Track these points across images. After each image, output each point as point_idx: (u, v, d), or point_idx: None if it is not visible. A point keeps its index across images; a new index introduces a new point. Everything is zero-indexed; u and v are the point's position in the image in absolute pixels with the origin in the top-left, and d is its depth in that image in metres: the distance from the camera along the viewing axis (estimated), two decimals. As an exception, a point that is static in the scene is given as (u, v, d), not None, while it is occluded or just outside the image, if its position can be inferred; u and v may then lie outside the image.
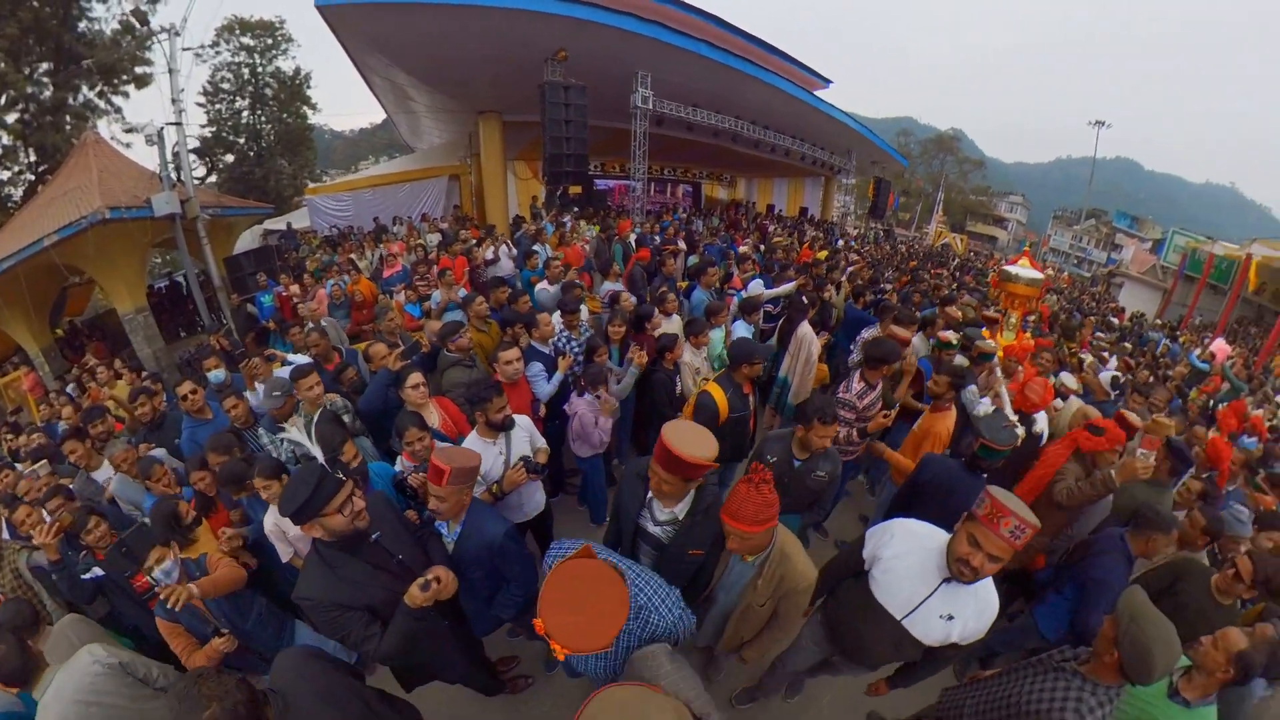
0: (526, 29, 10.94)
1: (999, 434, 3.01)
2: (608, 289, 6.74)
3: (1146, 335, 16.54)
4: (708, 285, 6.39)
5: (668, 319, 5.44)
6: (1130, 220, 47.22)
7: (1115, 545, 3.20)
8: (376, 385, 4.13)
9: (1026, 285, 5.85)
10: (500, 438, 3.38)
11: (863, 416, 4.02)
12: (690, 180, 24.40)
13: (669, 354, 4.59)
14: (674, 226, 12.72)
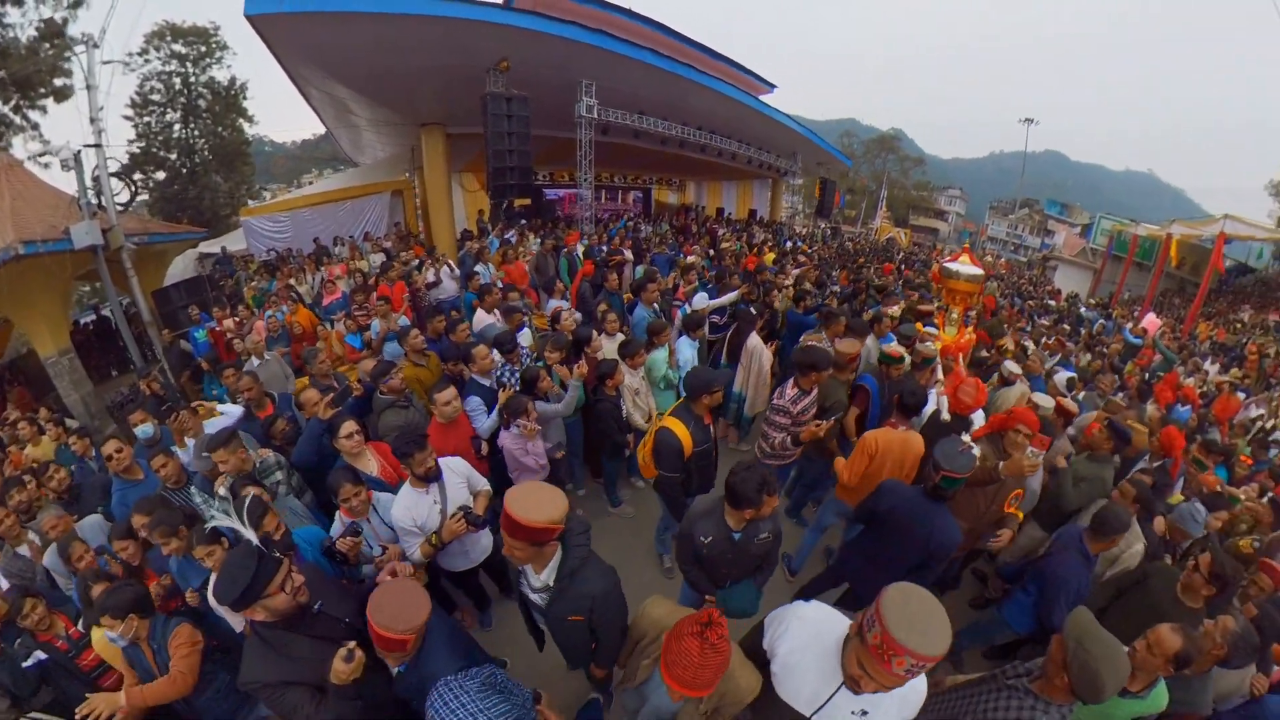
0: (468, 39, 10.57)
1: (958, 461, 2.84)
2: (553, 307, 6.48)
3: (1081, 314, 17.13)
4: (649, 302, 6.11)
5: (610, 339, 5.22)
6: (1060, 207, 49.16)
7: (1073, 544, 3.26)
8: (308, 437, 3.86)
9: (967, 282, 5.81)
10: (432, 487, 3.18)
11: (797, 422, 3.93)
12: (640, 186, 24.30)
13: (609, 381, 4.37)
14: (620, 235, 12.34)
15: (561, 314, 5.53)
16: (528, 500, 2.05)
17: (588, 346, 4.82)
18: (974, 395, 3.88)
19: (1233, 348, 16.31)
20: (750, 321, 5.50)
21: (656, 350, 5.06)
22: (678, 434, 3.42)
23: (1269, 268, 27.32)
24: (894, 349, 4.49)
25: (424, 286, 8.14)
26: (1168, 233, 22.28)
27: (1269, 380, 14.04)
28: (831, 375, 4.30)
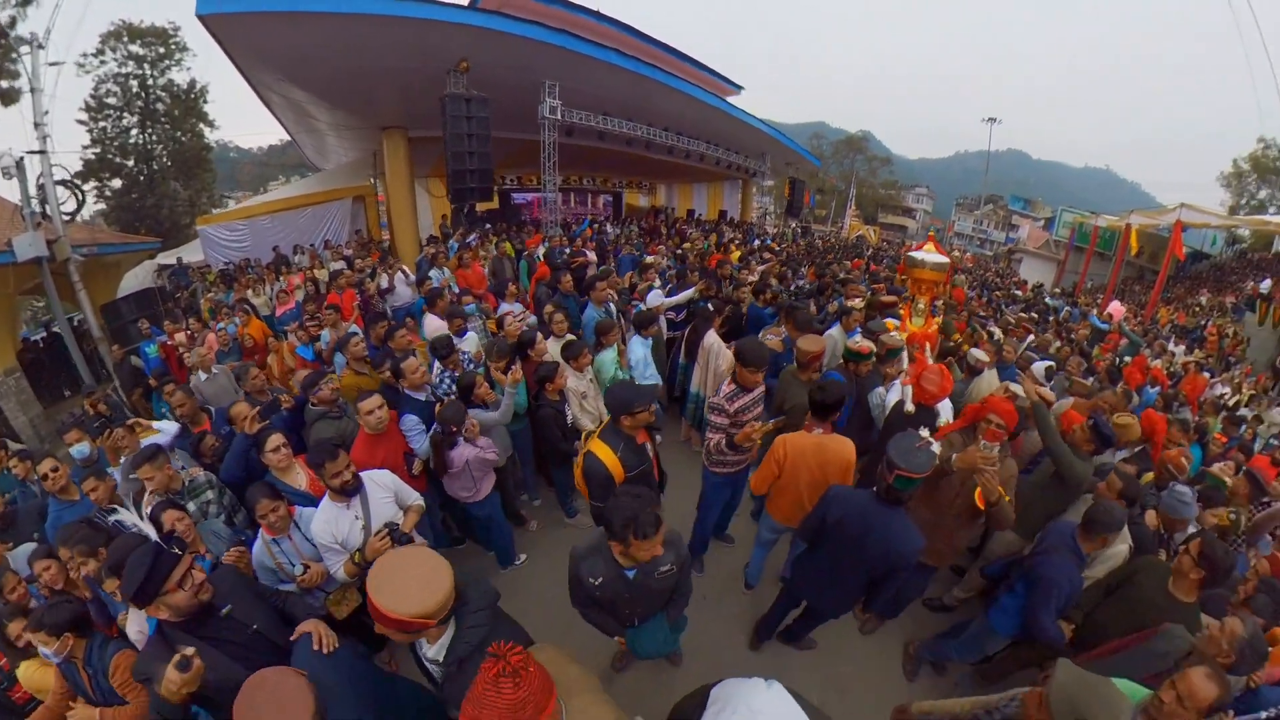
0: (427, 39, 10.22)
1: (914, 459, 2.53)
2: (504, 311, 6.17)
3: (1048, 303, 17.27)
4: (600, 301, 5.78)
5: (558, 341, 4.91)
6: (1024, 203, 50.42)
7: (1065, 543, 3.00)
8: (235, 453, 3.65)
9: (932, 270, 5.60)
10: (354, 501, 2.97)
11: (735, 422, 3.52)
12: (610, 190, 23.96)
13: (549, 385, 4.07)
14: (583, 236, 12.01)
15: (507, 318, 5.25)
16: (396, 584, 1.68)
17: (531, 349, 4.54)
18: (938, 383, 3.60)
19: (1193, 330, 16.88)
20: (707, 318, 5.21)
21: (604, 351, 4.77)
22: (603, 460, 2.97)
23: (1223, 253, 28.15)
24: (860, 344, 4.18)
25: (376, 293, 7.77)
26: (1127, 223, 22.64)
27: (1228, 359, 14.65)
28: (794, 375, 4.04)
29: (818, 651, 3.84)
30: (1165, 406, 7.15)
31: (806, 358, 3.83)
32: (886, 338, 4.26)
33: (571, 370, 4.40)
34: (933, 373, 3.67)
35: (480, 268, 8.52)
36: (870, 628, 4.07)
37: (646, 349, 5.01)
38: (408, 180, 14.03)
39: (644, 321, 5.04)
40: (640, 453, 3.12)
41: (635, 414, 3.00)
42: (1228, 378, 11.98)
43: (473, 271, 8.29)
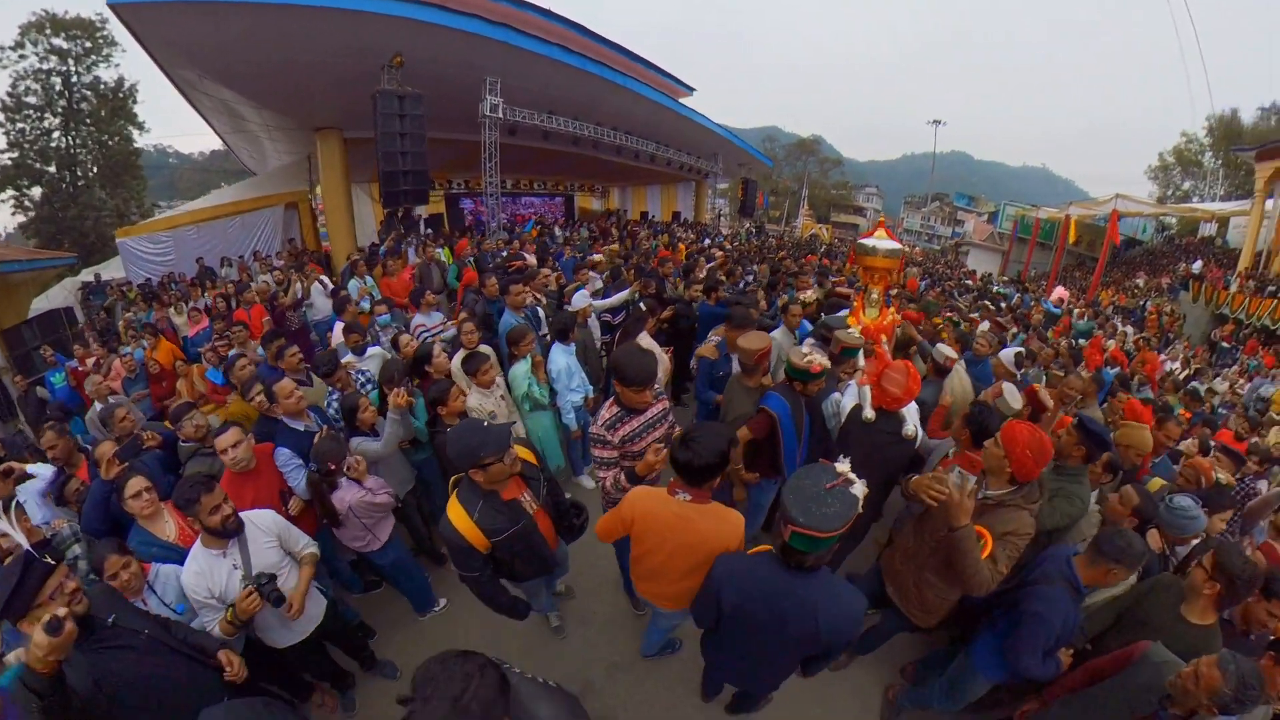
0: (360, 33, 9.42)
1: (818, 512, 1.66)
2: (418, 323, 5.43)
3: (998, 290, 17.39)
4: (517, 306, 5.03)
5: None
6: (968, 199, 51.85)
7: (1060, 571, 2.39)
8: (93, 500, 3.00)
9: (885, 257, 5.03)
10: (231, 545, 2.52)
11: (627, 454, 2.71)
12: (562, 192, 23.24)
13: (442, 408, 3.40)
14: (524, 238, 11.19)
15: (403, 338, 4.61)
16: None
17: (428, 365, 3.88)
18: (902, 383, 2.94)
19: (1133, 310, 17.51)
20: (639, 320, 4.56)
21: (517, 363, 4.10)
22: (458, 527, 2.23)
23: (1153, 239, 29.35)
24: (806, 359, 3.08)
25: (287, 307, 6.93)
26: (1066, 214, 23.77)
27: (1168, 335, 15.20)
28: (740, 382, 3.41)
29: (781, 690, 3.22)
30: (1123, 386, 6.92)
31: (750, 358, 3.18)
32: (843, 334, 3.64)
33: (476, 388, 3.73)
34: (896, 371, 3.01)
35: (408, 275, 7.75)
36: (841, 664, 3.47)
37: (569, 358, 4.34)
38: (344, 184, 13.10)
39: (562, 327, 4.37)
40: (511, 511, 2.34)
41: (486, 465, 2.17)
42: (1174, 353, 12.18)
43: (399, 279, 7.51)
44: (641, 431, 2.72)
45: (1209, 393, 8.97)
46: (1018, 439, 2.37)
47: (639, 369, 2.51)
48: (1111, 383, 6.96)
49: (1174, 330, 16.06)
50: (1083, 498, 2.84)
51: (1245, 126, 29.72)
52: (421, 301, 5.65)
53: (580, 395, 4.37)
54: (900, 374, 2.97)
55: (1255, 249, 18.15)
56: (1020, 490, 2.42)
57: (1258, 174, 18.03)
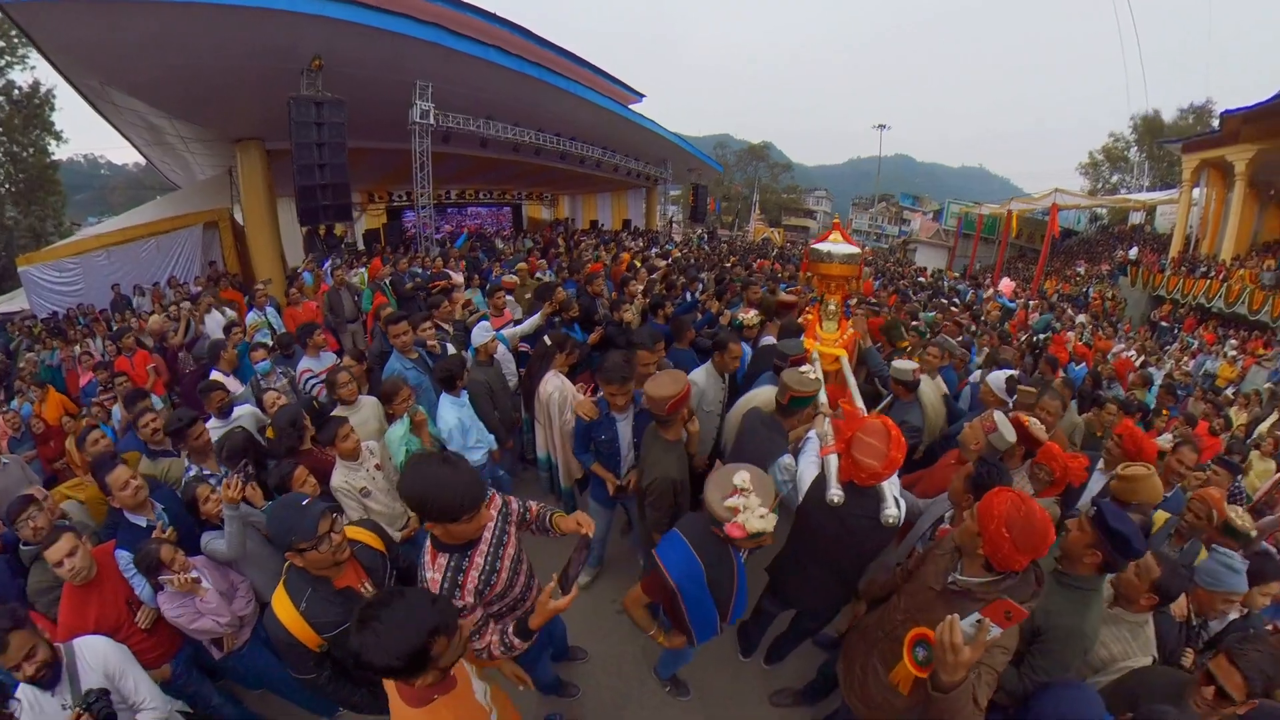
0: (273, 34, 8.39)
1: None
2: (304, 369, 4.47)
3: (951, 287, 17.44)
4: (405, 348, 4.04)
5: (353, 410, 3.40)
6: (913, 199, 52.67)
7: None
8: None
9: (842, 264, 4.35)
10: (58, 687, 1.98)
11: (502, 605, 2.01)
12: (509, 201, 22.18)
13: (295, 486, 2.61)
14: (453, 254, 10.07)
15: (266, 395, 3.74)
16: None
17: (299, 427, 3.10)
18: (882, 451, 2.00)
19: (1078, 297, 18.31)
20: (544, 358, 3.65)
21: (392, 426, 3.26)
22: (282, 619, 1.83)
23: (1088, 229, 30.21)
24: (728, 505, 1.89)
25: (178, 348, 5.81)
26: (1008, 209, 24.73)
27: (1111, 319, 16.01)
28: (656, 435, 2.66)
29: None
30: (1095, 385, 6.64)
31: (661, 408, 2.41)
32: (792, 378, 2.75)
33: (340, 461, 2.88)
34: (872, 434, 2.05)
35: (313, 304, 6.69)
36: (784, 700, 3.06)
37: (460, 412, 3.50)
38: (267, 200, 11.83)
39: (446, 375, 3.49)
40: (345, 602, 1.90)
41: (303, 552, 1.78)
42: (1132, 342, 12.42)
43: (304, 309, 6.47)
44: (493, 565, 1.85)
45: (1168, 378, 8.84)
46: (994, 512, 1.64)
47: (446, 499, 1.60)
48: (1082, 382, 6.53)
49: (1116, 313, 16.86)
50: (1085, 632, 1.94)
51: (1166, 125, 31.31)
52: (309, 341, 4.63)
53: (482, 452, 3.54)
54: (878, 437, 2.03)
55: (1185, 233, 18.92)
56: (1003, 582, 1.72)
57: (1184, 165, 18.71)
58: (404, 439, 3.17)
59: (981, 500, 1.73)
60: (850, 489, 2.09)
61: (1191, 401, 7.79)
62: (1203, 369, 11.44)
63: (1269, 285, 13.84)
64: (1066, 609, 1.94)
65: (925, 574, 1.96)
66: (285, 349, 4.97)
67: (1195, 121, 29.33)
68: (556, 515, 2.12)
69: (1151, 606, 2.03)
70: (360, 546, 2.11)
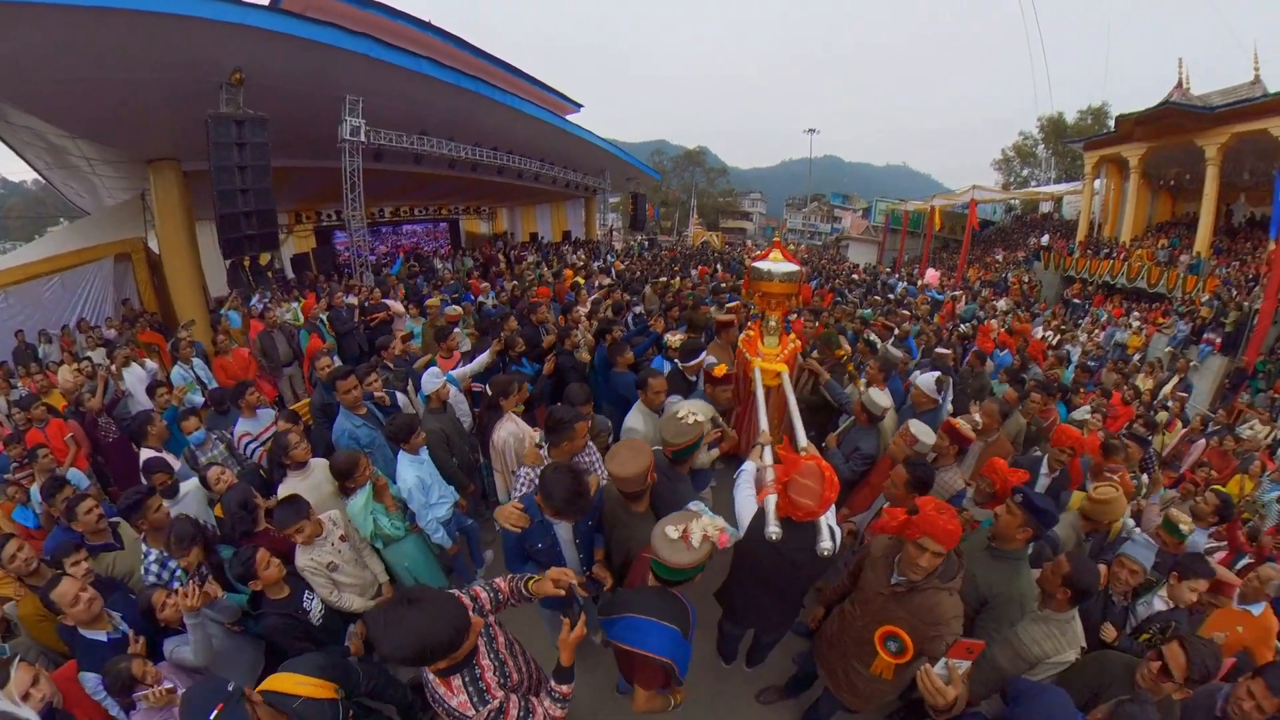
0: (187, 44, 7.69)
1: None
2: (241, 433, 4.10)
3: (885, 282, 17.99)
4: (354, 404, 3.64)
5: (301, 476, 3.15)
6: (843, 198, 55.00)
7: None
8: None
9: (782, 282, 4.42)
10: None
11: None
12: (446, 217, 21.43)
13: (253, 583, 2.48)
14: (391, 282, 9.39)
15: (210, 470, 3.24)
16: None
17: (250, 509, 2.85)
18: (817, 492, 2.14)
19: (997, 282, 19.53)
20: (493, 409, 3.45)
21: (353, 497, 3.02)
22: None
23: (1003, 220, 32.36)
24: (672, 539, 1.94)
25: (97, 412, 5.03)
26: (931, 205, 25.96)
27: (1029, 300, 17.21)
28: (621, 505, 2.55)
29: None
30: (1023, 368, 6.97)
31: (631, 486, 2.33)
32: (670, 431, 2.66)
33: (301, 546, 2.69)
34: (807, 476, 2.18)
35: (244, 351, 6.14)
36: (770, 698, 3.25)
37: (420, 469, 3.24)
38: (185, 226, 10.74)
39: (398, 432, 3.20)
40: None
41: None
42: (1046, 322, 13.54)
43: (234, 357, 5.92)
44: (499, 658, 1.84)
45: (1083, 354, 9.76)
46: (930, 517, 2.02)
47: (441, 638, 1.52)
48: (1010, 365, 6.86)
49: (1034, 295, 18.08)
50: (1022, 593, 2.35)
51: (1069, 125, 34.06)
52: (242, 400, 4.17)
53: (446, 506, 3.34)
54: (813, 479, 2.17)
55: (1089, 220, 20.77)
56: (932, 575, 2.08)
57: (1086, 161, 20.68)
58: (367, 508, 2.97)
59: (930, 526, 1.99)
60: (788, 524, 2.22)
61: (1105, 372, 8.50)
62: (1113, 340, 12.60)
63: (1163, 261, 15.44)
64: (1002, 579, 2.33)
65: (870, 582, 2.27)
66: (219, 407, 4.51)
67: (1094, 122, 32.00)
68: (530, 582, 2.05)
69: (1069, 601, 2.24)
70: (303, 702, 1.93)
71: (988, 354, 6.86)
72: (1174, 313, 13.28)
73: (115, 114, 8.98)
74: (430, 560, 3.38)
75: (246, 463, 3.96)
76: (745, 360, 4.61)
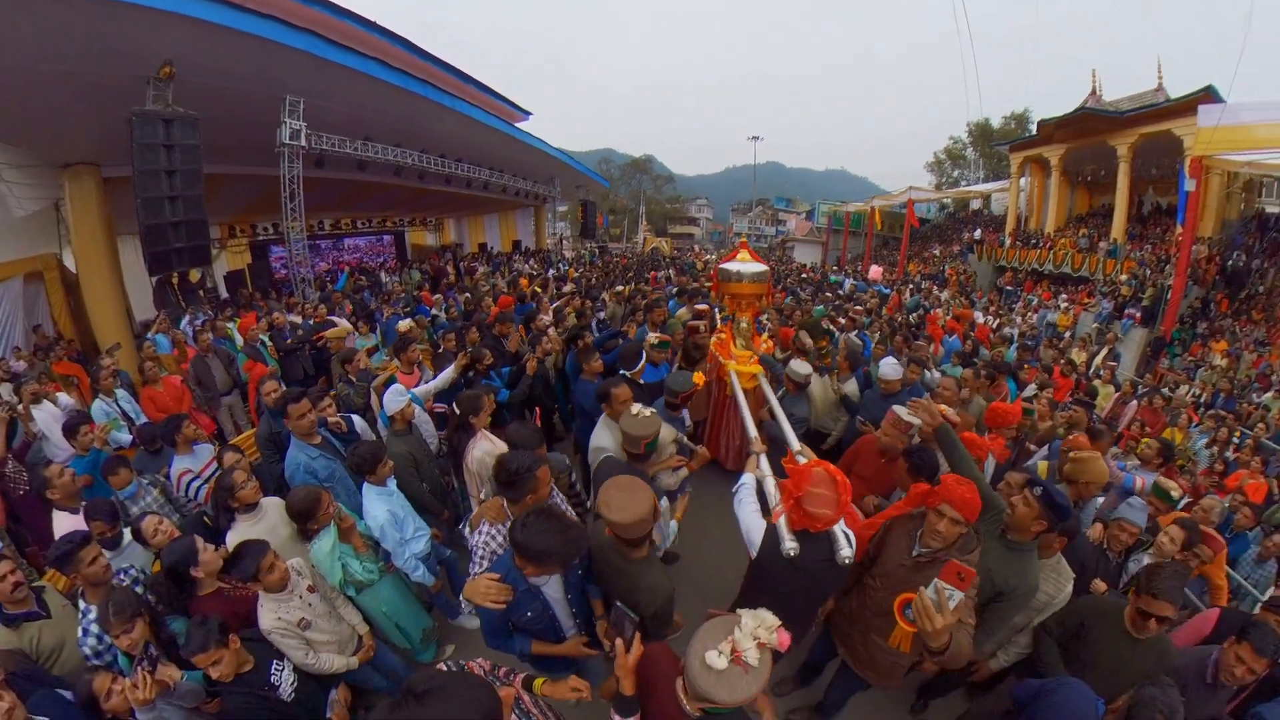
0: (113, 32, 6.94)
1: None
2: (181, 471, 3.60)
3: (834, 279, 18.91)
4: (305, 431, 3.24)
5: (252, 521, 2.85)
6: (786, 202, 57.06)
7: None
8: None
9: (752, 282, 4.35)
10: None
11: None
12: (391, 229, 20.64)
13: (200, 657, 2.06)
14: (336, 298, 8.65)
15: (145, 521, 2.75)
16: None
17: (194, 568, 2.40)
18: (833, 499, 2.02)
19: (935, 275, 21.07)
20: (463, 429, 3.17)
21: (316, 541, 2.66)
22: None
23: (937, 217, 34.01)
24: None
25: (1, 461, 4.33)
26: (871, 206, 27.53)
27: (965, 289, 18.54)
28: (615, 551, 2.18)
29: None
30: (974, 352, 7.50)
31: (632, 532, 1.99)
32: (629, 425, 2.55)
33: (265, 601, 2.33)
34: (820, 485, 2.04)
35: (175, 380, 5.46)
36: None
37: (389, 502, 2.89)
38: (106, 241, 9.74)
39: (363, 462, 2.85)
40: None
41: None
42: (983, 308, 14.62)
43: (166, 388, 5.27)
44: None
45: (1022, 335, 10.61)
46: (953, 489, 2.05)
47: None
48: (960, 349, 7.37)
49: (969, 284, 19.49)
50: (1033, 585, 2.40)
51: (994, 129, 36.19)
52: (177, 438, 3.64)
53: (424, 539, 3.01)
54: (827, 487, 2.05)
55: (1017, 214, 22.35)
56: (953, 546, 2.11)
57: (1012, 161, 22.40)
58: (334, 553, 2.61)
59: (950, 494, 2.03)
60: (803, 536, 2.12)
61: (1042, 349, 9.29)
62: (1045, 320, 13.82)
63: (1084, 248, 16.94)
64: (1016, 570, 2.32)
65: (891, 555, 2.28)
66: (151, 445, 3.96)
67: (1016, 126, 34.05)
68: (539, 684, 1.78)
69: (1042, 531, 2.34)
70: None
71: (937, 340, 7.46)
72: (1098, 293, 14.71)
73: (25, 111, 8.05)
74: (410, 601, 3.08)
75: (187, 508, 3.50)
76: (719, 365, 4.53)
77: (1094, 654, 2.31)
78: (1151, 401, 7.16)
